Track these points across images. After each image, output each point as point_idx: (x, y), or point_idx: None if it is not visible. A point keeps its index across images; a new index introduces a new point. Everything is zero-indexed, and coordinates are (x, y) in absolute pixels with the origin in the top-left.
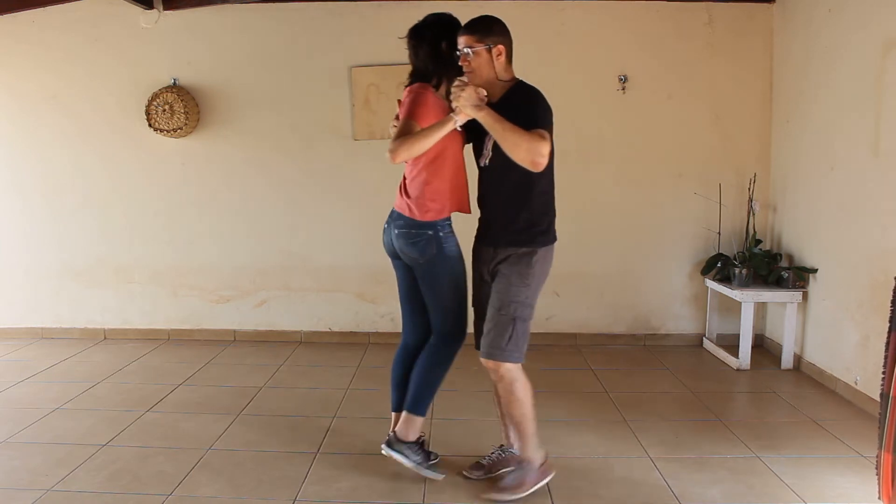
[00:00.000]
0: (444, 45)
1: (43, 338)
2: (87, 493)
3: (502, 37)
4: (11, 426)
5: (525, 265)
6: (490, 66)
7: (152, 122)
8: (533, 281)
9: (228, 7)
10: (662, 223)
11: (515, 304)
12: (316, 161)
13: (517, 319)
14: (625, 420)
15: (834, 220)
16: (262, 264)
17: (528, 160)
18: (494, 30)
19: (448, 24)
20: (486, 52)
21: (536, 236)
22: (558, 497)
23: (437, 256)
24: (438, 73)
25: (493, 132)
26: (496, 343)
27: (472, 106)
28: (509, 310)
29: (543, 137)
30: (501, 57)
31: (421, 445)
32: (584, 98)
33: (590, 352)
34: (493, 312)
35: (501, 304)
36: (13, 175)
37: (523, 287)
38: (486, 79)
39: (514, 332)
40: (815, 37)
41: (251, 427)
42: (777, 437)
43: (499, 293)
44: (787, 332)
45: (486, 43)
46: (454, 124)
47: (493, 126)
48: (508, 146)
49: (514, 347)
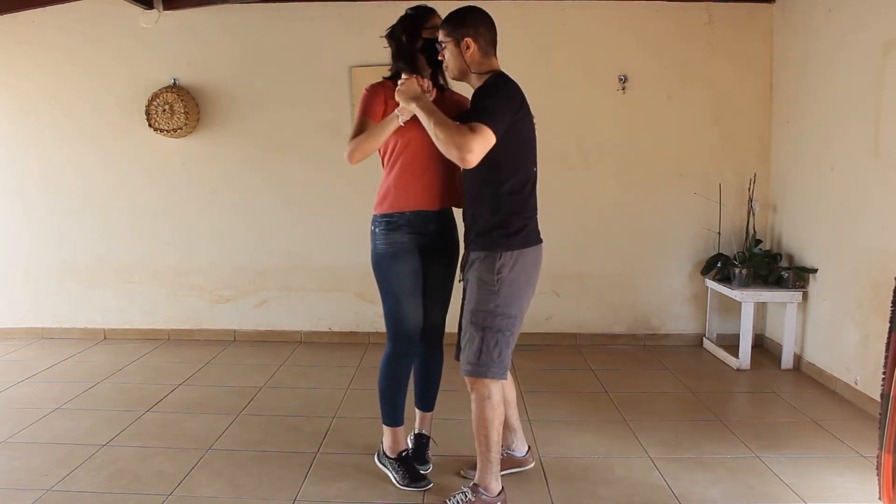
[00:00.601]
0: (404, 38)
1: (43, 338)
2: (87, 493)
3: (473, 28)
4: (11, 426)
5: (487, 270)
6: (460, 58)
7: (152, 122)
8: (502, 288)
9: (228, 7)
10: (662, 223)
11: (484, 313)
12: (316, 161)
13: (487, 330)
14: (625, 420)
15: (834, 220)
16: (262, 264)
17: (454, 155)
18: (467, 21)
19: (411, 17)
20: (453, 46)
21: (500, 239)
22: (558, 497)
23: (372, 254)
24: (407, 69)
25: (425, 125)
26: (468, 357)
27: (407, 98)
28: (478, 319)
29: (474, 131)
30: (470, 49)
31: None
32: (584, 98)
33: (590, 352)
34: (464, 324)
35: (470, 313)
36: (13, 175)
37: (490, 294)
38: (458, 71)
39: (484, 345)
40: (815, 37)
41: (251, 427)
42: (777, 437)
43: (468, 302)
44: (787, 332)
45: (455, 35)
46: (398, 121)
47: (424, 119)
48: (436, 140)
49: (487, 361)
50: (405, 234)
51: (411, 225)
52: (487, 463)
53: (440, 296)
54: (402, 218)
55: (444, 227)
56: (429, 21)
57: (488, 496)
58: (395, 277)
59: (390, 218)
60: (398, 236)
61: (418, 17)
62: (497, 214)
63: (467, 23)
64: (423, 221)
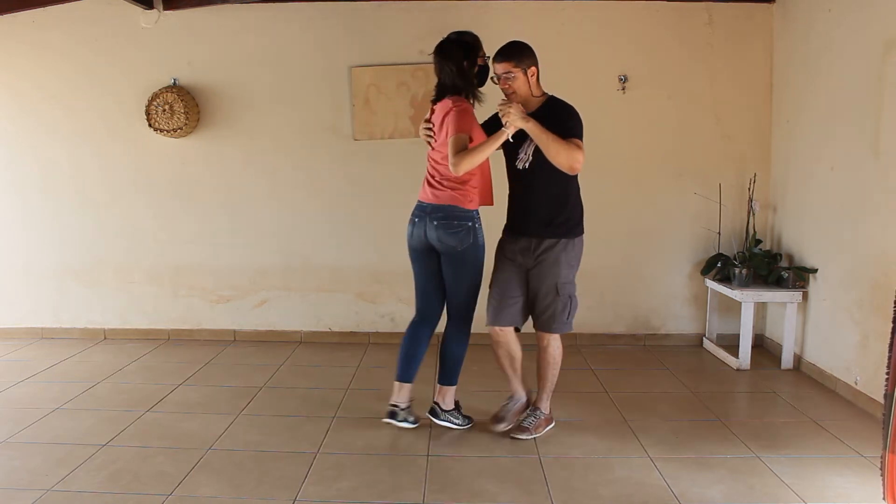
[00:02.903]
0: (465, 64)
1: (43, 338)
2: (87, 493)
3: (533, 59)
4: (11, 426)
5: (571, 251)
6: (526, 86)
7: (152, 122)
8: (577, 264)
9: (228, 7)
10: (662, 223)
11: (568, 284)
12: (316, 161)
13: (572, 297)
14: (625, 420)
15: (834, 220)
16: (262, 264)
17: (566, 165)
18: (526, 53)
19: (470, 44)
20: (522, 75)
21: (574, 227)
22: (558, 497)
23: (472, 245)
24: (466, 88)
25: (538, 140)
26: (558, 318)
27: (521, 119)
28: (564, 290)
29: (579, 147)
30: (534, 77)
31: (459, 409)
32: (584, 98)
33: (590, 352)
34: (549, 294)
35: (556, 285)
36: (13, 175)
37: (571, 269)
38: (523, 96)
39: (571, 307)
40: (815, 37)
41: (251, 427)
42: (777, 437)
43: (551, 277)
44: (787, 332)
45: (522, 67)
46: (507, 136)
47: (538, 135)
48: (551, 153)
49: (572, 319)
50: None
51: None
52: (548, 392)
53: None
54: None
55: None
56: (481, 49)
57: (547, 414)
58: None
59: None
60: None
61: (477, 46)
62: (572, 209)
63: (527, 54)
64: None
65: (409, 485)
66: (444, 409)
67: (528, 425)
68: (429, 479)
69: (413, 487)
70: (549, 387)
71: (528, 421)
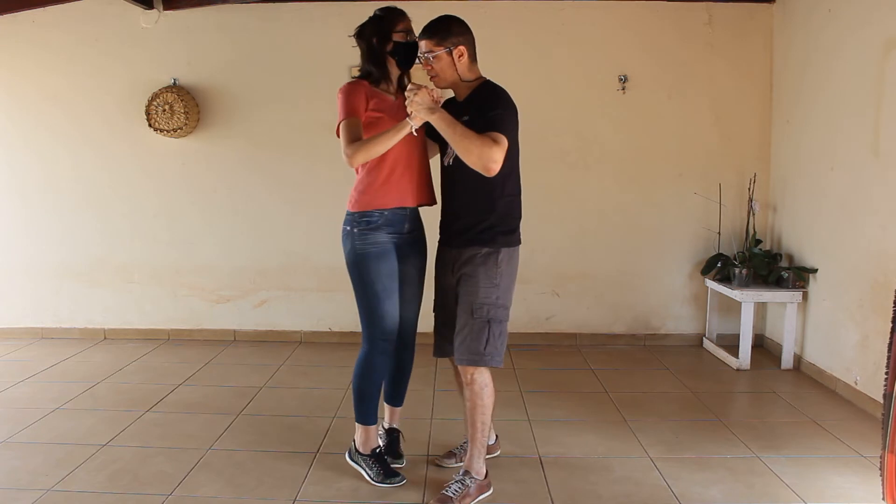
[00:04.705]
0: (374, 41)
1: (43, 338)
2: (87, 493)
3: (462, 37)
4: (11, 426)
5: (491, 265)
6: (452, 69)
7: (152, 122)
8: (501, 281)
9: (228, 7)
10: (662, 223)
11: (487, 305)
12: (316, 161)
13: (492, 321)
14: (625, 420)
15: (834, 220)
16: (262, 264)
17: (479, 165)
18: (454, 30)
19: (375, 19)
20: (446, 55)
21: (500, 237)
22: (558, 497)
23: (348, 254)
24: (377, 71)
25: (446, 136)
26: (474, 348)
27: (425, 109)
28: (482, 312)
29: (496, 142)
30: (463, 58)
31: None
32: (584, 98)
33: (590, 352)
34: (465, 317)
35: (473, 306)
36: (13, 175)
37: (492, 287)
38: (450, 81)
39: (490, 335)
40: (815, 37)
41: (251, 427)
42: (777, 437)
43: (468, 296)
44: (787, 332)
45: (446, 45)
46: (410, 128)
47: (445, 130)
48: (461, 151)
49: (493, 351)
50: (384, 233)
51: (389, 224)
52: (480, 448)
53: (415, 294)
54: (381, 217)
55: (417, 226)
56: (400, 24)
57: (480, 479)
58: (375, 278)
59: (370, 217)
60: (378, 236)
61: (389, 20)
62: (498, 215)
63: (456, 31)
64: (400, 220)
65: (409, 485)
66: (356, 450)
67: (451, 494)
68: (429, 480)
69: (413, 488)
70: (481, 440)
71: (452, 489)
